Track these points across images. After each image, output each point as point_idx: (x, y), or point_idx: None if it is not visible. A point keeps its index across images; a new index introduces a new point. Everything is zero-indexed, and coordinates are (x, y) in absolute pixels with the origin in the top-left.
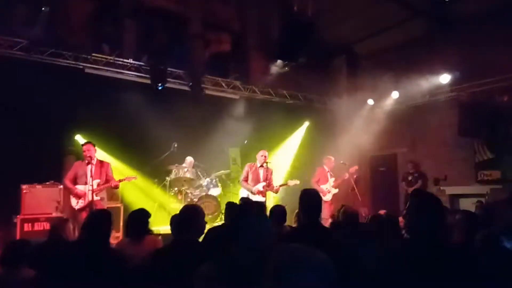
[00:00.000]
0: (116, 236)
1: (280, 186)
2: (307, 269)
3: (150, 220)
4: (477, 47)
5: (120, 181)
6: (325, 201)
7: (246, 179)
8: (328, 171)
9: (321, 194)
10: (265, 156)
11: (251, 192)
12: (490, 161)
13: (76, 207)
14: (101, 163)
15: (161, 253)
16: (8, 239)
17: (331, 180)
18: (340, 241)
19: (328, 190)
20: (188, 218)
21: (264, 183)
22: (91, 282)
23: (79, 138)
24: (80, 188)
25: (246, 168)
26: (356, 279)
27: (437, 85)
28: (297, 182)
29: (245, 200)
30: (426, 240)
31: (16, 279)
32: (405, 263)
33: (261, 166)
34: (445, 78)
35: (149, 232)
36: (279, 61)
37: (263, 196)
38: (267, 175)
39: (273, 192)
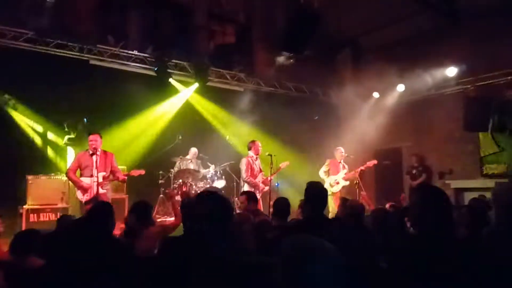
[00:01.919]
0: (121, 227)
1: (273, 174)
2: (317, 259)
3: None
4: (484, 40)
5: (126, 175)
6: (333, 193)
7: (250, 174)
8: (340, 162)
9: (328, 186)
10: (260, 147)
11: (258, 189)
12: (495, 155)
13: (83, 200)
14: (105, 153)
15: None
16: (14, 230)
17: (343, 172)
18: (344, 234)
19: (336, 182)
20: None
21: (262, 173)
22: (97, 272)
23: (84, 129)
24: (85, 181)
25: (246, 162)
26: (360, 273)
27: (443, 78)
28: (287, 162)
29: None
30: (431, 234)
31: (25, 268)
32: (411, 258)
33: (256, 158)
34: (451, 71)
35: (151, 223)
36: (284, 54)
37: (266, 186)
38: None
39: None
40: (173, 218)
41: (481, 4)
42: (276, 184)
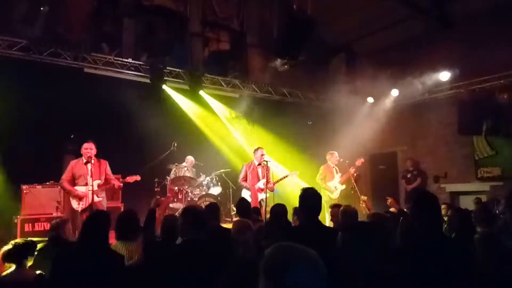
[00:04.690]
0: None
1: (279, 180)
2: (297, 267)
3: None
4: (476, 44)
5: (122, 182)
6: (332, 199)
7: (245, 179)
8: (334, 167)
9: (328, 193)
10: (263, 154)
11: (249, 191)
12: (490, 158)
13: (78, 209)
14: (99, 161)
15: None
16: (9, 240)
17: (338, 176)
18: (340, 240)
19: (335, 187)
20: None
21: (264, 180)
22: (91, 282)
23: (79, 138)
24: (81, 189)
25: (244, 167)
26: (355, 278)
27: (437, 83)
28: (297, 172)
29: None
30: (423, 238)
31: (18, 279)
32: (404, 261)
33: (259, 164)
34: (444, 76)
35: (140, 232)
36: (278, 60)
37: (264, 193)
38: (265, 172)
39: (269, 190)
40: None
41: (472, 8)
42: (275, 190)
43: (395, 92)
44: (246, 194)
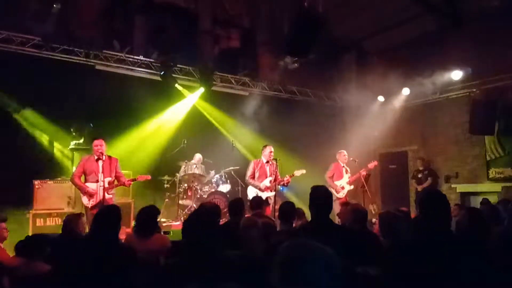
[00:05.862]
0: (126, 232)
1: (286, 179)
2: (313, 263)
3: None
4: (489, 43)
5: (132, 180)
6: (339, 198)
7: (253, 176)
8: (343, 166)
9: (333, 191)
10: (271, 152)
11: (259, 189)
12: (502, 158)
13: (89, 205)
14: (109, 158)
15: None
16: (21, 235)
17: (346, 176)
18: (348, 238)
19: (342, 187)
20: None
21: (271, 178)
22: (100, 277)
23: (90, 134)
24: (91, 186)
25: (252, 164)
26: (365, 276)
27: (449, 82)
28: (303, 171)
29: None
30: (434, 237)
31: (31, 272)
32: (418, 259)
33: (267, 161)
34: (456, 75)
35: (157, 229)
36: (288, 57)
37: (272, 191)
38: (273, 170)
39: (283, 185)
40: (178, 222)
41: (484, 6)
42: (281, 188)
43: (406, 91)
44: (252, 191)
